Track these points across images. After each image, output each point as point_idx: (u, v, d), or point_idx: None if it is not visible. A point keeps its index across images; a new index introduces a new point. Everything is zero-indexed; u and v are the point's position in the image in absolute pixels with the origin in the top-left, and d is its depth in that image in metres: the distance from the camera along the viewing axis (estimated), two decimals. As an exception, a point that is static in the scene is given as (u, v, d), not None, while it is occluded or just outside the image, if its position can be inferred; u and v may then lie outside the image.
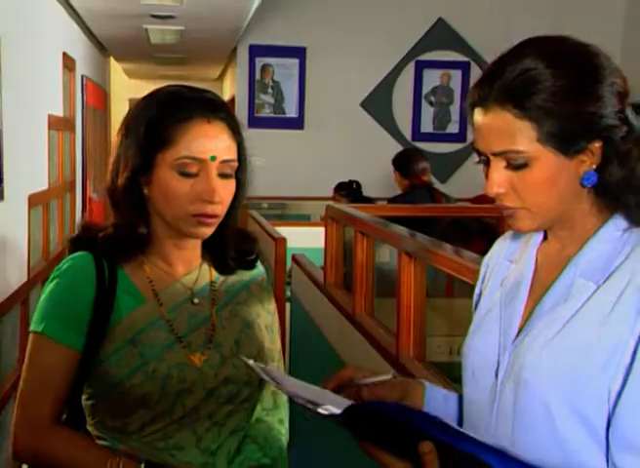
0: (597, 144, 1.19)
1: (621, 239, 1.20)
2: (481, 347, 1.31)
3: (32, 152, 4.56)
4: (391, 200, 5.43)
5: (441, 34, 7.73)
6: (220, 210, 1.53)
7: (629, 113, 1.20)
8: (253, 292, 1.69)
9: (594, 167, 1.20)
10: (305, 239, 5.14)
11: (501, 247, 1.41)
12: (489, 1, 7.65)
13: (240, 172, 1.57)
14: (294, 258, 4.51)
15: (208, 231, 1.54)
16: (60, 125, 5.44)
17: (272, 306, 1.73)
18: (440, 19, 7.79)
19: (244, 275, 1.69)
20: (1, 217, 3.69)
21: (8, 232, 3.86)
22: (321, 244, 3.86)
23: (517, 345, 1.24)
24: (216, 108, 1.54)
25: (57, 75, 5.51)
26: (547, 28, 1.43)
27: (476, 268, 1.92)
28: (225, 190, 1.53)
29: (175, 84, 1.62)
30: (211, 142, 1.50)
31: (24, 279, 4.17)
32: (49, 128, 4.99)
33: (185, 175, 1.50)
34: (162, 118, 1.51)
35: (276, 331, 1.73)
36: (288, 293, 4.57)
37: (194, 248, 1.62)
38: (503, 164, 1.20)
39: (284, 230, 4.34)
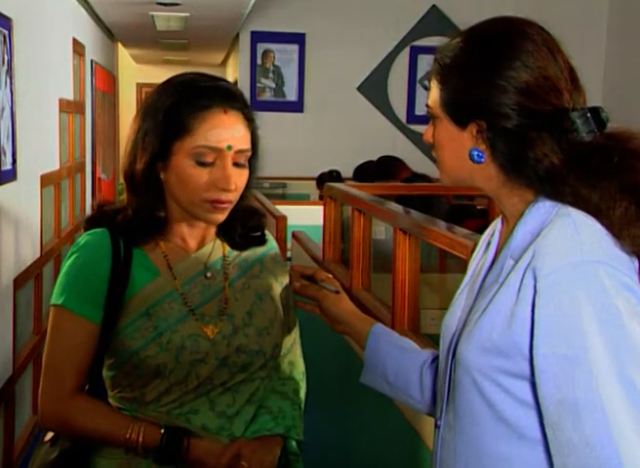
0: (481, 126, 1.19)
1: (543, 217, 1.17)
2: (448, 323, 1.32)
3: (44, 134, 4.54)
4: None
5: (434, 21, 7.68)
6: (234, 196, 1.52)
7: (534, 111, 1.16)
8: (267, 265, 1.67)
9: (483, 146, 1.20)
10: (305, 217, 5.12)
11: (488, 231, 1.41)
12: (480, -11, 7.61)
13: (252, 159, 1.56)
14: (294, 235, 4.50)
15: (221, 217, 1.53)
16: (70, 108, 5.42)
17: (286, 279, 1.70)
18: (433, 7, 7.75)
19: (257, 250, 1.67)
20: (15, 196, 3.68)
21: (21, 210, 3.86)
22: (320, 221, 3.85)
23: (465, 322, 1.26)
24: (233, 98, 1.51)
25: (67, 60, 5.47)
26: (536, 15, 1.41)
27: (468, 243, 1.92)
28: (240, 178, 1.51)
29: (191, 71, 1.58)
30: (227, 132, 1.48)
31: (38, 255, 4.17)
32: (60, 110, 4.97)
33: (202, 163, 1.47)
34: (180, 106, 1.48)
35: (292, 303, 1.71)
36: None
37: (208, 226, 1.60)
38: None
39: (284, 208, 4.31)
